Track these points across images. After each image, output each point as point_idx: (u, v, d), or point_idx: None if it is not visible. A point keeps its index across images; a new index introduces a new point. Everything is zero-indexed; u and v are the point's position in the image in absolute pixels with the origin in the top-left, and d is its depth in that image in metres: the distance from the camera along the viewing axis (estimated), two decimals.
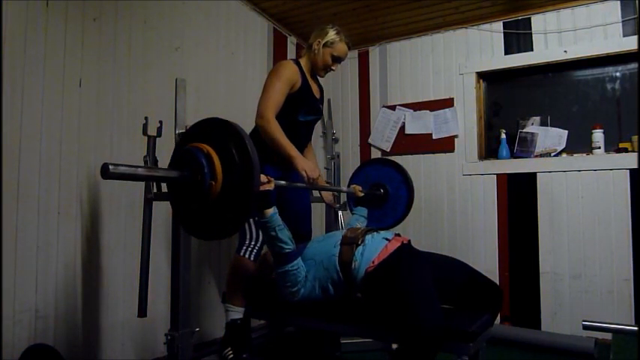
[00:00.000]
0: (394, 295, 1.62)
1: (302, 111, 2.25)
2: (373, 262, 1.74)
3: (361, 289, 1.78)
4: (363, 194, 2.46)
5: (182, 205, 1.51)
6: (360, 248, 1.79)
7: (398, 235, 1.91)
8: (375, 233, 1.89)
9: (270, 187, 1.77)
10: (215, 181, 1.35)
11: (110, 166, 1.22)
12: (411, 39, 3.65)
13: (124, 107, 2.26)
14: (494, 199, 3.28)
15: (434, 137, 3.50)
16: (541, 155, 3.15)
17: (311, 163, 2.08)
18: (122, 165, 1.26)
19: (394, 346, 1.88)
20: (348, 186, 2.59)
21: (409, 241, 1.90)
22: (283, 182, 1.92)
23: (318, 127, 3.22)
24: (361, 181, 2.62)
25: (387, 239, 1.84)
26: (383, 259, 1.75)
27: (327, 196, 2.53)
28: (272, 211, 1.76)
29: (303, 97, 2.22)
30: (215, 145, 1.39)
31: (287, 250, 1.78)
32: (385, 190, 2.63)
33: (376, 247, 1.79)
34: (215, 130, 1.44)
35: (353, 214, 2.42)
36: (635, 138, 2.90)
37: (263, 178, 1.74)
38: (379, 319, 1.71)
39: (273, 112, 2.07)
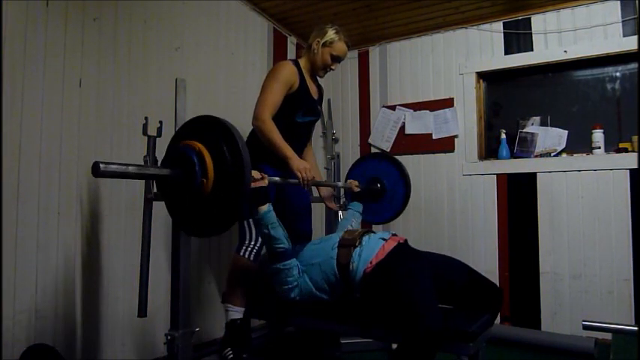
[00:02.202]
0: (392, 295, 1.62)
1: (300, 112, 2.25)
2: (371, 263, 1.75)
3: (360, 290, 1.78)
4: (359, 189, 2.47)
5: (176, 203, 1.52)
6: (357, 250, 1.80)
7: (395, 235, 1.91)
8: (371, 234, 1.89)
9: (264, 183, 1.78)
10: (207, 179, 1.36)
11: (101, 165, 1.22)
12: (411, 39, 3.65)
13: (124, 107, 2.26)
14: (494, 199, 3.28)
15: (434, 137, 3.50)
16: (541, 155, 3.15)
17: (306, 164, 2.09)
18: (113, 163, 1.27)
19: (394, 346, 1.88)
20: (345, 181, 2.59)
21: (406, 240, 1.91)
22: (277, 178, 1.93)
23: (318, 127, 3.22)
24: (358, 176, 2.64)
25: (383, 239, 1.84)
26: (380, 259, 1.75)
27: (327, 198, 2.53)
28: (266, 208, 1.77)
29: (301, 98, 2.23)
30: (207, 142, 1.40)
31: (280, 249, 1.79)
32: (382, 185, 2.65)
33: (373, 248, 1.79)
34: (206, 127, 1.45)
35: (348, 209, 2.42)
36: (635, 138, 2.90)
37: (256, 174, 1.76)
38: (379, 319, 1.71)
39: (270, 113, 2.08)
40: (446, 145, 3.46)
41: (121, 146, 2.23)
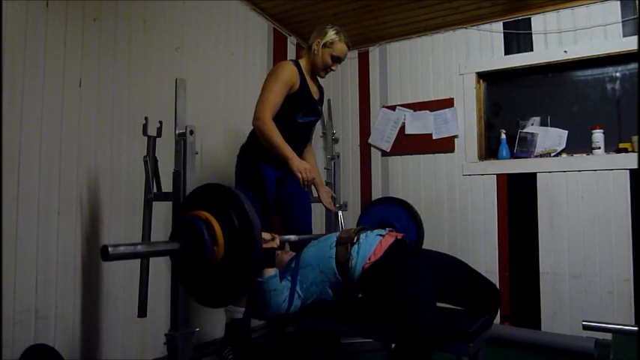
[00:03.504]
0: (390, 293, 1.61)
1: (300, 112, 2.25)
2: (370, 260, 1.75)
3: (360, 287, 1.78)
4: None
5: (188, 275, 1.49)
6: (355, 247, 1.80)
7: (392, 230, 1.92)
8: (368, 231, 1.89)
9: (275, 244, 1.75)
10: (217, 246, 1.34)
11: (110, 248, 1.18)
12: (411, 39, 3.65)
13: (124, 107, 2.26)
14: (494, 199, 3.28)
15: (434, 137, 3.50)
16: (541, 155, 3.15)
17: (307, 164, 2.09)
18: (121, 245, 1.23)
19: (394, 346, 1.88)
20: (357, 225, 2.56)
21: (403, 236, 1.91)
22: (291, 236, 1.91)
23: (318, 128, 3.22)
24: (368, 223, 2.59)
25: (380, 235, 1.84)
26: (379, 256, 1.75)
27: (326, 199, 2.52)
28: (273, 272, 1.73)
29: (301, 98, 2.23)
30: (213, 210, 1.38)
31: (282, 311, 1.75)
32: (394, 229, 2.59)
33: (371, 244, 1.79)
34: (211, 195, 1.43)
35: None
36: (635, 138, 2.90)
37: (267, 235, 1.71)
38: (379, 319, 1.71)
39: (270, 114, 2.08)
40: (446, 145, 3.46)
41: (121, 146, 2.23)
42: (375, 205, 2.83)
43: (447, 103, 3.47)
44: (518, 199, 3.21)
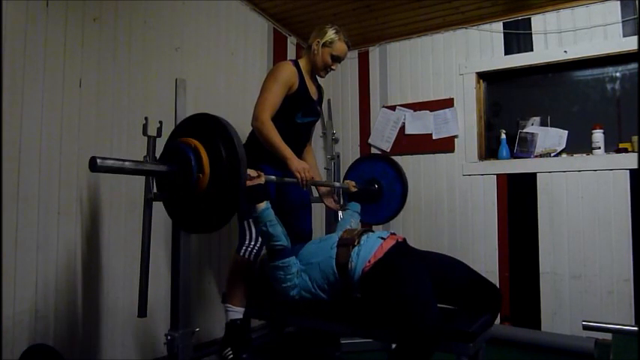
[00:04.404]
0: (391, 294, 1.62)
1: (300, 112, 2.25)
2: (369, 262, 1.75)
3: (359, 289, 1.78)
4: (356, 189, 2.47)
5: (173, 200, 1.53)
6: (356, 249, 1.80)
7: (393, 233, 1.92)
8: (370, 233, 1.89)
9: (260, 181, 1.79)
10: (203, 174, 1.37)
11: (98, 160, 1.24)
12: (411, 39, 3.65)
13: (124, 107, 2.26)
14: (494, 199, 3.28)
15: (434, 137, 3.50)
16: (541, 155, 3.15)
17: (305, 164, 2.09)
18: (110, 159, 1.29)
19: (394, 346, 1.88)
20: (343, 182, 2.60)
21: (404, 239, 1.91)
22: (274, 177, 1.93)
23: (318, 127, 3.22)
24: (355, 177, 2.65)
25: (382, 238, 1.85)
26: (379, 258, 1.75)
27: (327, 198, 2.52)
28: (264, 205, 1.78)
29: (300, 98, 2.23)
30: (203, 139, 1.41)
31: (279, 246, 1.80)
32: (379, 186, 2.67)
33: (372, 247, 1.80)
34: (203, 125, 1.47)
35: (346, 209, 2.43)
36: (635, 138, 2.89)
37: (252, 172, 1.76)
38: (379, 319, 1.71)
39: (269, 114, 2.08)
40: (446, 145, 3.46)
41: (121, 146, 2.23)
42: (363, 161, 2.91)
43: (447, 103, 3.47)
44: (518, 200, 3.21)
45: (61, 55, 1.99)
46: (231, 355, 2.06)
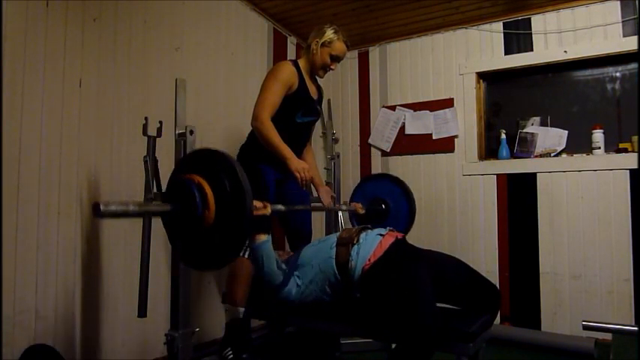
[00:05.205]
0: (390, 293, 1.62)
1: (299, 112, 2.25)
2: (369, 260, 1.75)
3: (359, 288, 1.78)
4: (364, 211, 2.46)
5: (180, 238, 1.51)
6: (355, 247, 1.80)
7: (392, 230, 1.91)
8: (369, 231, 1.89)
9: (267, 212, 1.75)
10: (208, 210, 1.36)
11: (101, 206, 1.21)
12: (411, 39, 3.65)
13: (124, 107, 2.26)
14: (494, 199, 3.28)
15: (434, 137, 3.50)
16: (541, 155, 3.15)
17: (305, 164, 2.09)
18: (113, 203, 1.27)
19: (394, 346, 1.88)
20: (349, 205, 2.59)
21: (404, 236, 1.91)
22: (281, 206, 1.91)
23: (318, 127, 3.22)
24: (361, 199, 2.62)
25: (380, 235, 1.84)
26: (379, 256, 1.75)
27: (326, 199, 2.52)
28: (264, 238, 1.75)
29: (300, 98, 2.23)
30: (206, 174, 1.39)
31: (276, 282, 1.77)
32: (386, 205, 2.63)
33: (371, 245, 1.80)
34: (205, 160, 1.45)
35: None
36: (635, 138, 2.89)
37: (258, 203, 1.72)
38: (379, 319, 1.71)
39: (269, 114, 2.08)
40: (446, 145, 3.46)
41: (121, 146, 2.23)
42: (369, 180, 2.88)
43: (447, 103, 3.47)
44: (518, 200, 3.21)
45: (61, 55, 1.99)
46: (231, 355, 2.06)
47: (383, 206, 2.66)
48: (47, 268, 1.91)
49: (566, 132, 3.12)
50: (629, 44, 2.89)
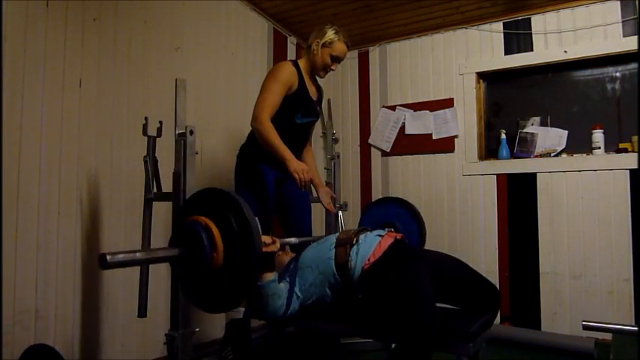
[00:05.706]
0: (390, 293, 1.61)
1: (299, 113, 2.25)
2: (369, 260, 1.74)
3: (359, 288, 1.78)
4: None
5: (188, 281, 1.49)
6: (354, 248, 1.79)
7: (391, 231, 1.91)
8: (368, 232, 1.89)
9: (275, 247, 1.74)
10: (216, 252, 1.34)
11: (108, 256, 1.17)
12: (411, 39, 3.65)
13: (124, 107, 2.26)
14: (494, 199, 3.28)
15: (434, 137, 3.50)
16: (541, 155, 3.15)
17: (304, 165, 2.09)
18: (119, 253, 1.22)
19: (394, 346, 1.88)
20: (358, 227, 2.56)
21: (403, 236, 1.90)
22: (292, 239, 1.90)
23: (318, 127, 3.22)
24: (369, 223, 2.57)
25: (380, 235, 1.84)
26: (378, 256, 1.75)
27: (325, 199, 2.52)
28: (272, 276, 1.73)
29: (300, 99, 2.23)
30: (212, 215, 1.37)
31: (278, 314, 1.74)
32: (396, 229, 2.59)
33: (370, 245, 1.79)
34: (210, 200, 1.43)
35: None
36: (635, 138, 2.90)
37: (267, 239, 1.71)
38: (379, 319, 1.71)
39: (268, 115, 2.08)
40: (446, 145, 3.46)
41: (121, 146, 2.23)
42: (376, 205, 2.82)
43: (447, 103, 3.47)
44: (518, 199, 3.21)
45: (61, 55, 1.99)
46: (231, 355, 2.06)
47: (392, 230, 2.61)
48: (47, 268, 1.91)
49: (566, 132, 3.12)
50: (629, 44, 2.89)
